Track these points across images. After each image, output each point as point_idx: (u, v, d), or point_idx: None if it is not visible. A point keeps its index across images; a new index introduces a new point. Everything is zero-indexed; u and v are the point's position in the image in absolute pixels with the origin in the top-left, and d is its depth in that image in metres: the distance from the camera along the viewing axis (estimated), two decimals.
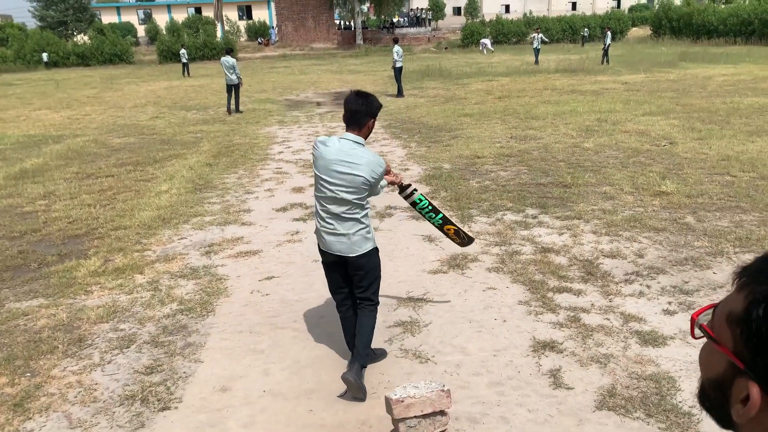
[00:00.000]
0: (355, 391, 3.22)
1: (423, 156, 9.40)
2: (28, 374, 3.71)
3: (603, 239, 5.58)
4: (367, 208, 3.32)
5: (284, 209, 6.93)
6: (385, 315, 4.19)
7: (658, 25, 43.03)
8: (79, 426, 3.20)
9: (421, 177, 8.09)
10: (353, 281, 3.43)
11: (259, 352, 3.87)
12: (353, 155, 3.17)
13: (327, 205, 3.24)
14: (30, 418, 3.27)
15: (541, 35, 28.28)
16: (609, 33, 26.62)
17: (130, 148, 11.09)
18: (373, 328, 3.47)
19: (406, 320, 4.17)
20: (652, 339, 3.80)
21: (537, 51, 27.51)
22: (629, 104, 13.88)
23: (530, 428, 3.00)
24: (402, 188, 3.86)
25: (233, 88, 14.85)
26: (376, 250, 3.41)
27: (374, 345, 3.60)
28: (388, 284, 4.47)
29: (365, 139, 3.30)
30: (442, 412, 2.33)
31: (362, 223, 3.28)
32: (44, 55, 36.51)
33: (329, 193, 3.21)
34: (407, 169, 8.60)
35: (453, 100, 16.16)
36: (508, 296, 4.49)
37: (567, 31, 46.24)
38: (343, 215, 3.23)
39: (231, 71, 14.61)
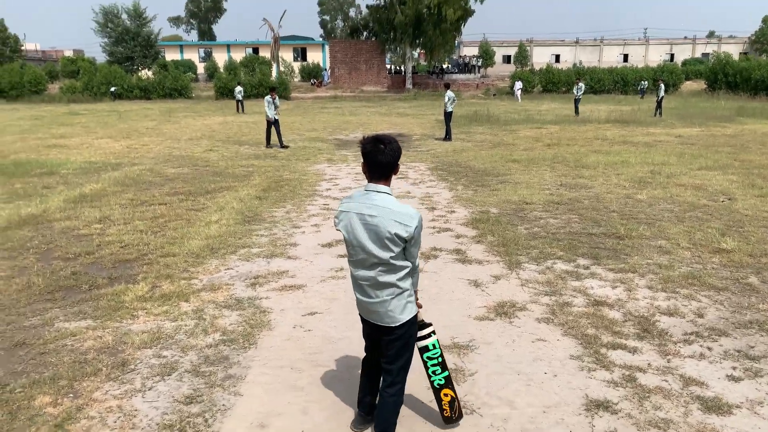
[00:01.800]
0: None
1: (470, 199, 9.31)
2: (71, 395, 3.72)
3: (659, 295, 5.32)
4: (408, 268, 2.89)
5: (329, 245, 6.93)
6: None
7: (714, 79, 42.24)
8: None
9: (468, 220, 7.99)
10: (381, 348, 3.06)
11: (299, 389, 3.79)
12: (381, 207, 2.78)
13: (358, 270, 2.91)
14: None
15: (582, 84, 27.38)
16: (662, 85, 26.23)
17: (183, 178, 11.42)
18: (395, 413, 3.07)
19: (450, 367, 4.02)
20: (716, 406, 3.53)
21: (577, 101, 26.31)
22: (684, 157, 13.51)
23: None
24: (420, 324, 3.19)
25: (273, 124, 16.24)
26: (416, 317, 3.03)
27: (413, 394, 3.41)
28: None
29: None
30: None
31: (400, 287, 2.88)
32: (112, 88, 38.50)
33: (360, 255, 2.86)
34: (453, 211, 8.52)
35: (501, 145, 16.11)
36: (558, 349, 4.29)
37: (618, 82, 45.90)
38: (377, 279, 2.86)
39: (268, 107, 16.27)
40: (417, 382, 3.65)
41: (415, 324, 3.04)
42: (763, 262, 6.19)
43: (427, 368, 3.27)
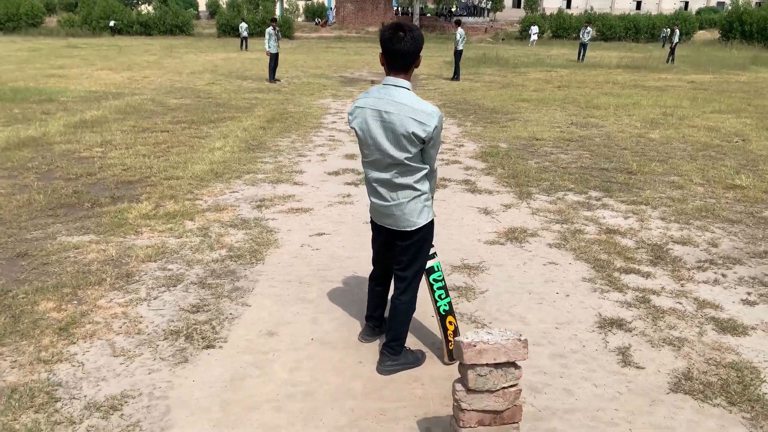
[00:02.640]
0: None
1: (479, 134, 9.11)
2: (75, 302, 3.66)
3: (672, 226, 5.22)
4: (424, 171, 2.71)
5: (336, 173, 6.79)
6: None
7: (729, 28, 40.99)
8: (122, 355, 3.12)
9: (476, 153, 7.83)
10: (394, 254, 2.93)
11: (308, 301, 3.73)
12: (399, 103, 2.58)
13: (372, 172, 2.76)
14: (74, 343, 3.21)
15: (590, 29, 26.13)
16: (677, 30, 25.45)
17: (186, 108, 11.17)
18: (407, 322, 3.01)
19: (460, 285, 3.96)
20: (731, 327, 3.48)
21: (584, 46, 25.08)
22: (696, 101, 13.20)
23: (597, 403, 2.76)
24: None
25: (273, 57, 15.69)
26: (433, 221, 2.88)
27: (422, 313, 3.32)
28: (441, 251, 4.22)
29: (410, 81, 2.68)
30: (515, 365, 2.11)
31: (417, 189, 2.72)
32: (111, 22, 37.48)
33: (375, 155, 2.68)
34: (462, 146, 8.34)
35: (510, 86, 15.73)
36: (570, 272, 4.22)
37: (630, 29, 44.61)
38: (393, 181, 2.70)
39: (269, 40, 15.67)
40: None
41: (432, 228, 2.90)
42: None
43: (432, 291, 3.06)
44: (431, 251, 3.00)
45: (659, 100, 13.31)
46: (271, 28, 15.71)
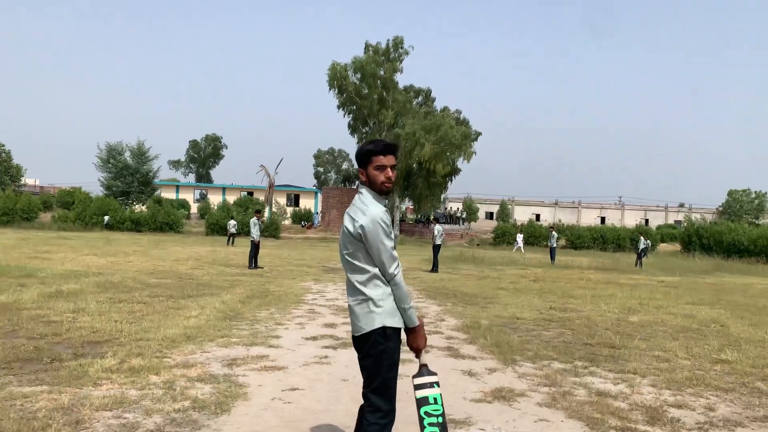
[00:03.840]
0: None
1: (459, 312, 9.08)
2: None
3: (664, 392, 4.99)
4: (370, 273, 2.65)
5: (314, 338, 6.57)
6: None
7: (688, 241, 43.86)
8: None
9: (458, 326, 7.72)
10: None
11: None
12: (354, 206, 2.72)
13: (347, 277, 2.79)
14: None
15: (555, 233, 27.82)
16: (642, 238, 27.13)
17: (166, 285, 11.12)
18: None
19: None
20: None
21: (553, 250, 26.56)
22: (669, 295, 13.54)
23: None
24: (420, 370, 2.80)
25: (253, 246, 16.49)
26: (387, 331, 2.63)
27: None
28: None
29: (377, 189, 2.71)
30: None
31: (363, 293, 2.65)
32: (105, 218, 38.97)
33: (344, 261, 2.76)
34: (443, 320, 8.25)
35: (487, 278, 16.13)
36: (564, 429, 3.91)
37: (598, 240, 47.44)
38: (348, 280, 2.74)
39: (253, 228, 16.76)
40: None
41: (392, 342, 2.64)
42: (767, 372, 5.92)
43: (422, 427, 2.70)
44: (431, 379, 2.75)
45: (633, 293, 13.64)
46: (255, 218, 16.63)
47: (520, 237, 39.01)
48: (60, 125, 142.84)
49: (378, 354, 2.63)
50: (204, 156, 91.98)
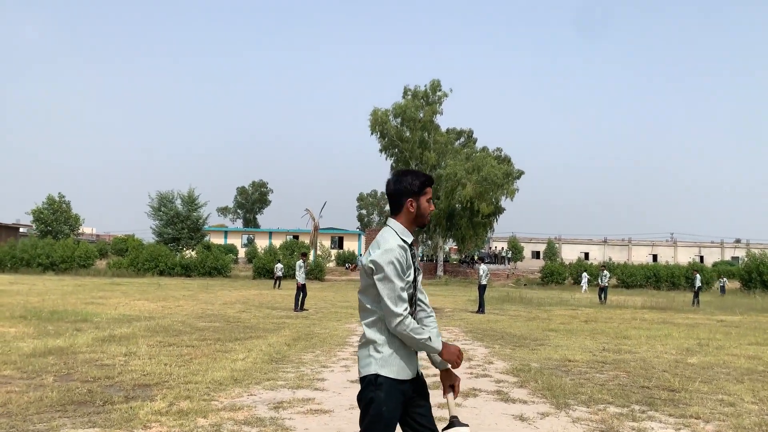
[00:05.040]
0: None
1: (508, 355, 8.84)
2: None
3: None
4: (376, 316, 2.46)
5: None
6: None
7: (748, 278, 41.78)
8: None
9: (507, 369, 7.50)
10: None
11: None
12: (375, 240, 2.56)
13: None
14: None
15: (606, 272, 26.61)
16: (698, 276, 26.03)
17: (214, 329, 11.29)
18: None
19: None
20: None
21: (604, 290, 25.33)
22: (731, 335, 12.84)
23: None
24: (451, 420, 2.58)
25: (301, 287, 16.64)
26: (379, 379, 2.40)
27: None
28: None
29: (409, 227, 2.57)
30: None
31: (366, 336, 2.48)
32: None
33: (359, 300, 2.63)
34: (491, 363, 8.05)
35: (536, 319, 15.70)
36: None
37: (651, 278, 45.74)
38: (361, 320, 2.57)
39: (298, 270, 16.98)
40: None
41: (380, 391, 2.38)
42: None
43: None
44: (465, 430, 2.52)
45: (691, 333, 13.01)
46: (301, 260, 16.83)
47: (585, 276, 37.33)
48: (114, 175, 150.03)
49: (367, 402, 2.41)
50: (251, 202, 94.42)
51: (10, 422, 4.60)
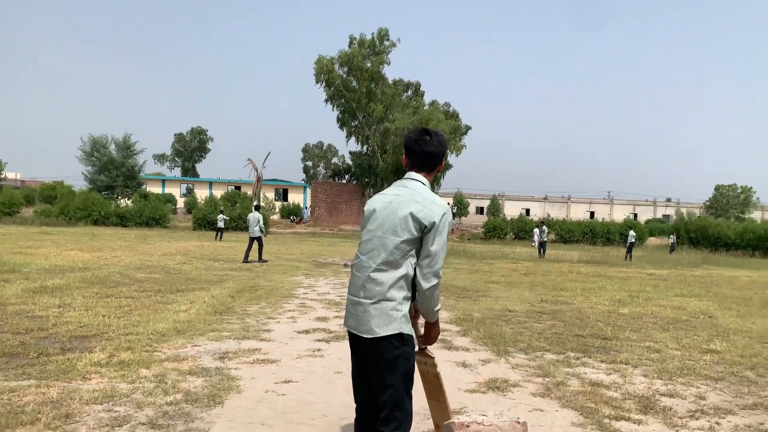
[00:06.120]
0: None
1: (452, 306, 9.07)
2: None
3: (656, 382, 5.01)
4: (404, 273, 2.47)
5: (306, 331, 6.53)
6: (417, 423, 3.62)
7: (677, 235, 44.29)
8: None
9: (451, 319, 7.70)
10: (371, 382, 2.56)
11: None
12: (409, 189, 2.56)
13: (359, 256, 2.58)
14: None
15: (545, 228, 27.43)
16: (631, 231, 27.33)
17: (153, 280, 11.01)
18: None
19: None
20: None
21: (542, 244, 26.24)
22: (659, 288, 13.65)
23: None
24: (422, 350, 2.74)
25: (256, 240, 16.80)
26: (405, 336, 2.48)
27: None
28: (418, 398, 3.91)
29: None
30: None
31: (382, 292, 2.47)
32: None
33: (367, 235, 2.56)
34: None
35: (479, 272, 16.15)
36: (558, 418, 3.91)
37: (587, 234, 47.73)
38: (371, 271, 2.50)
39: (255, 224, 16.95)
40: None
41: (407, 347, 2.49)
42: (755, 361, 5.97)
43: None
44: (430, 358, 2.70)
45: (623, 285, 13.73)
46: (258, 213, 17.21)
47: (537, 230, 37.42)
48: (41, 118, 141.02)
49: (394, 358, 2.45)
50: (190, 150, 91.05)
51: None
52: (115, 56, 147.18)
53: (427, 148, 2.62)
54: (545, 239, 26.98)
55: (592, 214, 76.48)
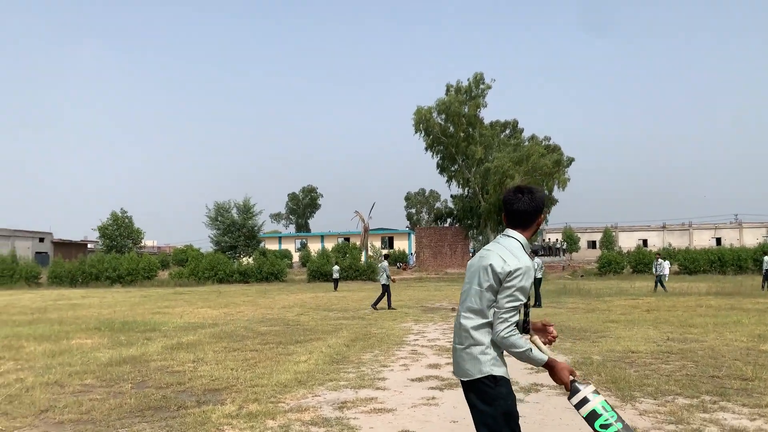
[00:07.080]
0: None
1: (568, 349, 8.71)
2: None
3: None
4: (488, 320, 2.58)
5: (420, 379, 6.58)
6: None
7: None
8: None
9: (568, 363, 7.40)
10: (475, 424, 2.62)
11: None
12: (499, 245, 2.67)
13: (456, 318, 2.74)
14: None
15: (662, 261, 25.34)
16: (766, 257, 24.78)
17: (275, 333, 11.61)
18: None
19: None
20: None
21: (659, 278, 24.47)
22: None
23: None
24: (571, 386, 2.56)
25: (384, 288, 17.61)
26: (496, 377, 2.55)
27: None
28: None
29: (529, 240, 2.75)
30: None
31: (473, 336, 2.59)
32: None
33: (464, 287, 2.71)
34: None
35: (596, 311, 15.36)
36: None
37: (715, 263, 43.76)
38: (462, 319, 2.66)
39: (382, 273, 18.02)
40: None
41: (501, 387, 2.54)
42: None
43: None
44: (587, 390, 2.49)
45: (763, 318, 12.44)
46: (385, 263, 18.36)
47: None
48: (172, 189, 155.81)
49: (491, 399, 2.53)
50: (302, 207, 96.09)
51: (95, 428, 4.92)
52: (235, 138, 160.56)
53: (520, 207, 2.73)
54: (661, 272, 25.04)
55: (718, 240, 70.25)
